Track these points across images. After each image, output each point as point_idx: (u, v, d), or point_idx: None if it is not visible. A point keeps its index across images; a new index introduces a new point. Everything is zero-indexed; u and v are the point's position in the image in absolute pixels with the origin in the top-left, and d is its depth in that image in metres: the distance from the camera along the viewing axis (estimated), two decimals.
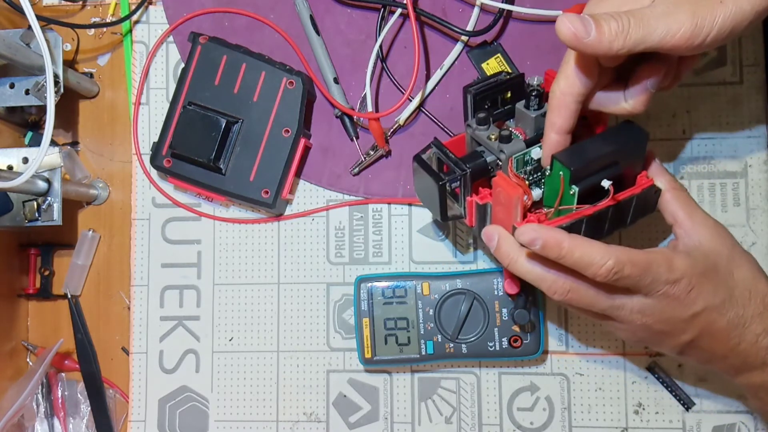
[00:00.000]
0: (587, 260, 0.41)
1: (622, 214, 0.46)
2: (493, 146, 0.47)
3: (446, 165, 0.47)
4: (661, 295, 0.42)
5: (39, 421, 0.61)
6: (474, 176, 0.47)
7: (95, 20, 0.63)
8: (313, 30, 0.59)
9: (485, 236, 0.47)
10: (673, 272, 0.42)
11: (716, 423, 0.55)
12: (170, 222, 0.61)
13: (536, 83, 0.46)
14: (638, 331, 0.45)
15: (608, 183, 0.42)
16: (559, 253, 0.41)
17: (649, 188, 0.45)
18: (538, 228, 0.42)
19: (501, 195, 0.45)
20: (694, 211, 0.45)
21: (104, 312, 0.62)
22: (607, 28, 0.38)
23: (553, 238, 0.41)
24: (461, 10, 0.59)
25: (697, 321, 0.43)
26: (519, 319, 0.53)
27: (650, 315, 0.43)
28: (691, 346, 0.45)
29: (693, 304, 0.43)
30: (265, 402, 0.59)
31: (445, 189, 0.47)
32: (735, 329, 0.44)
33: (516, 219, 0.45)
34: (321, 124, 0.60)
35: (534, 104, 0.46)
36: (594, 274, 0.41)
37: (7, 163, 0.58)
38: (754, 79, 0.56)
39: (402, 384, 0.58)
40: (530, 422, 0.57)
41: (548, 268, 0.44)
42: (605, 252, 0.41)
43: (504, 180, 0.45)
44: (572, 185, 0.43)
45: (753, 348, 0.44)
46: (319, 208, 0.60)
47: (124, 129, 0.62)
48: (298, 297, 0.59)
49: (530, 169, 0.46)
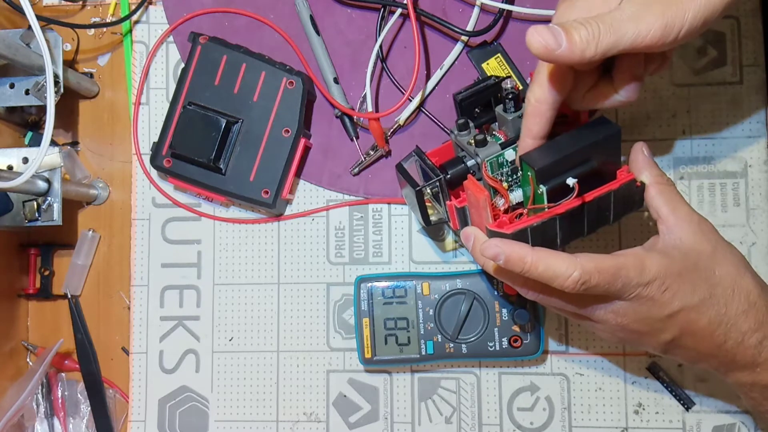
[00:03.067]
0: (552, 273, 0.40)
1: (602, 211, 0.45)
2: (471, 150, 0.48)
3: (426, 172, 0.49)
4: (634, 297, 0.42)
5: (39, 421, 0.61)
6: (453, 181, 0.48)
7: (95, 20, 0.63)
8: (313, 30, 0.59)
9: (463, 237, 0.48)
10: (644, 275, 0.41)
11: (716, 423, 0.55)
12: (170, 222, 0.61)
13: (510, 86, 0.46)
14: (616, 331, 0.44)
15: (573, 181, 0.41)
16: (522, 267, 0.41)
17: (629, 183, 0.44)
18: (501, 243, 0.42)
19: (471, 197, 0.46)
20: (678, 207, 0.44)
21: (104, 312, 0.62)
22: (577, 37, 0.38)
23: (515, 253, 0.41)
24: (461, 10, 0.59)
25: (675, 320, 0.43)
26: (519, 319, 0.53)
27: (624, 315, 0.43)
28: (674, 345, 0.44)
29: (669, 304, 0.42)
30: (265, 402, 0.59)
31: (422, 194, 0.48)
32: (718, 327, 0.43)
33: (488, 220, 0.45)
34: (321, 124, 0.60)
35: (510, 107, 0.47)
36: (560, 285, 0.41)
37: (7, 163, 0.58)
38: (754, 79, 0.56)
39: (402, 384, 0.58)
40: (530, 422, 0.57)
41: (513, 280, 0.44)
42: (570, 263, 0.40)
43: (473, 183, 0.46)
44: (540, 185, 0.42)
45: (740, 347, 0.43)
46: (319, 208, 0.60)
47: (124, 129, 0.62)
48: (298, 297, 0.59)
49: (508, 171, 0.47)
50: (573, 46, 0.38)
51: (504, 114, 0.47)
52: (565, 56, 0.38)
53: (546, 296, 0.44)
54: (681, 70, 0.57)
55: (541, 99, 0.43)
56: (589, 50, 0.38)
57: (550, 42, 0.38)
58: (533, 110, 0.43)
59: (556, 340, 0.57)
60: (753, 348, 0.43)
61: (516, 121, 0.47)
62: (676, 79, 0.57)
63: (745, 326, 0.43)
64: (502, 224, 0.44)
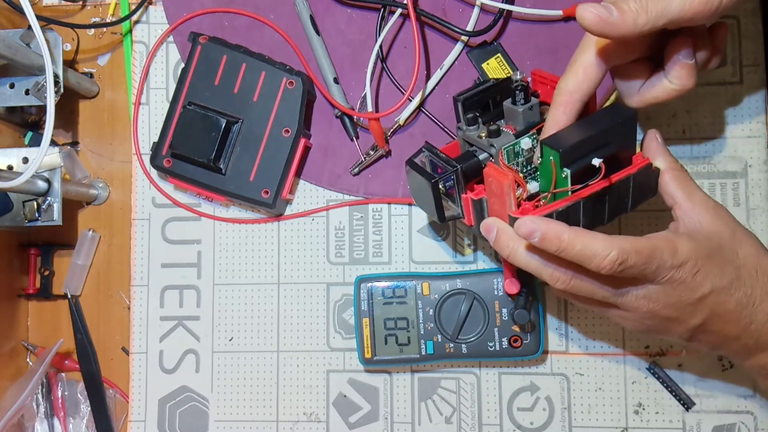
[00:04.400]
0: (589, 252, 0.40)
1: (621, 197, 0.45)
2: (484, 143, 0.47)
3: (439, 166, 0.48)
4: (666, 281, 0.42)
5: (39, 421, 0.61)
6: (467, 174, 0.47)
7: (95, 20, 0.63)
8: (313, 30, 0.59)
9: (484, 229, 0.46)
10: (677, 256, 0.41)
11: (716, 423, 0.55)
12: (170, 222, 0.61)
13: (519, 78, 0.46)
14: (645, 319, 0.44)
15: (599, 161, 0.41)
16: (558, 245, 0.40)
17: (646, 167, 0.44)
18: (536, 220, 0.41)
19: (493, 184, 0.45)
20: (694, 192, 0.44)
21: (104, 312, 0.62)
22: (627, 7, 0.39)
23: (552, 231, 0.40)
24: (461, 10, 0.59)
25: (705, 304, 0.43)
26: (519, 319, 0.53)
27: (656, 301, 0.42)
28: (701, 330, 0.44)
29: (700, 287, 0.42)
30: (265, 402, 0.59)
31: (438, 187, 0.47)
32: (745, 309, 0.43)
33: (510, 207, 0.44)
34: (321, 124, 0.60)
35: (520, 98, 0.47)
36: (597, 266, 0.40)
37: (7, 163, 0.58)
38: (754, 79, 0.56)
39: (402, 384, 0.58)
40: (530, 422, 0.57)
41: (547, 260, 0.43)
42: (607, 243, 0.40)
43: (494, 169, 0.45)
44: (563, 168, 0.42)
45: (764, 327, 0.43)
46: (319, 208, 0.60)
47: (124, 129, 0.62)
48: (298, 297, 0.59)
49: (522, 161, 0.46)
50: (624, 15, 0.39)
51: (513, 107, 0.47)
52: (618, 26, 0.39)
53: (578, 281, 0.43)
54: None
55: (574, 89, 0.43)
56: (641, 18, 0.39)
57: (603, 13, 0.39)
58: (565, 99, 0.43)
59: (556, 340, 0.57)
60: None
61: (527, 113, 0.46)
62: None
63: None
64: (526, 211, 0.43)
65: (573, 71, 0.43)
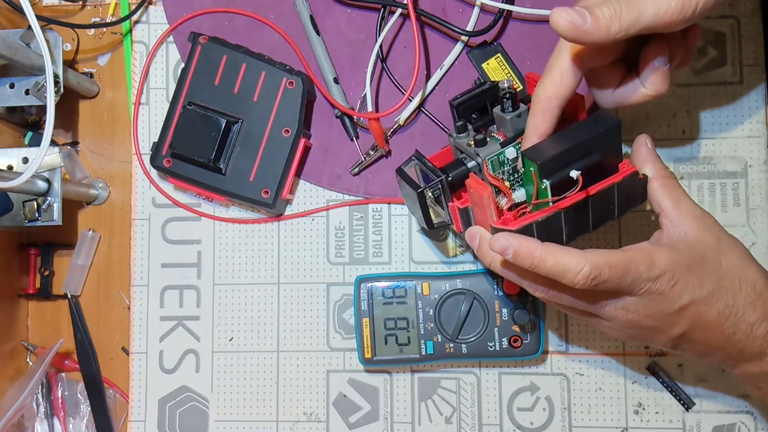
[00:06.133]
0: (562, 268, 0.40)
1: (606, 205, 0.45)
2: (471, 152, 0.48)
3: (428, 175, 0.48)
4: (644, 293, 0.42)
5: (39, 421, 0.61)
6: (454, 183, 0.48)
7: (95, 20, 0.63)
8: (313, 30, 0.59)
9: (468, 237, 0.47)
10: (654, 269, 0.41)
11: (716, 423, 0.55)
12: (170, 222, 0.61)
13: (507, 86, 0.47)
14: (626, 328, 0.44)
15: (576, 173, 0.41)
16: (531, 262, 0.41)
17: (632, 175, 0.44)
18: (509, 237, 0.41)
19: (474, 195, 0.46)
20: (681, 201, 0.44)
21: (104, 312, 0.62)
22: (601, 14, 0.39)
23: (524, 247, 0.41)
24: (461, 10, 0.59)
25: (685, 314, 0.42)
26: (519, 319, 0.53)
27: (635, 312, 0.43)
28: (684, 339, 0.44)
29: (678, 298, 0.42)
30: (265, 402, 0.59)
31: (425, 196, 0.48)
32: (727, 319, 0.43)
33: (492, 218, 0.45)
34: (321, 124, 0.60)
35: (508, 106, 0.47)
36: (571, 281, 0.40)
37: (7, 163, 0.58)
38: (754, 79, 0.56)
39: (402, 384, 0.58)
40: (530, 422, 0.57)
41: (522, 276, 0.44)
42: (581, 258, 0.40)
43: (475, 181, 0.45)
44: (543, 179, 0.42)
45: (749, 338, 0.43)
46: (319, 208, 0.60)
47: (124, 129, 0.62)
48: (298, 297, 0.59)
49: (509, 170, 0.47)
50: (598, 22, 0.39)
51: (502, 114, 0.47)
52: (591, 33, 0.39)
53: (555, 293, 0.43)
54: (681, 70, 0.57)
55: (552, 95, 0.43)
56: (614, 26, 0.39)
57: (576, 19, 0.39)
58: (543, 107, 0.43)
59: (556, 340, 0.57)
60: (761, 338, 0.43)
61: (515, 120, 0.47)
62: (676, 79, 0.57)
63: (753, 317, 0.43)
64: (506, 221, 0.44)
65: (550, 77, 0.43)
